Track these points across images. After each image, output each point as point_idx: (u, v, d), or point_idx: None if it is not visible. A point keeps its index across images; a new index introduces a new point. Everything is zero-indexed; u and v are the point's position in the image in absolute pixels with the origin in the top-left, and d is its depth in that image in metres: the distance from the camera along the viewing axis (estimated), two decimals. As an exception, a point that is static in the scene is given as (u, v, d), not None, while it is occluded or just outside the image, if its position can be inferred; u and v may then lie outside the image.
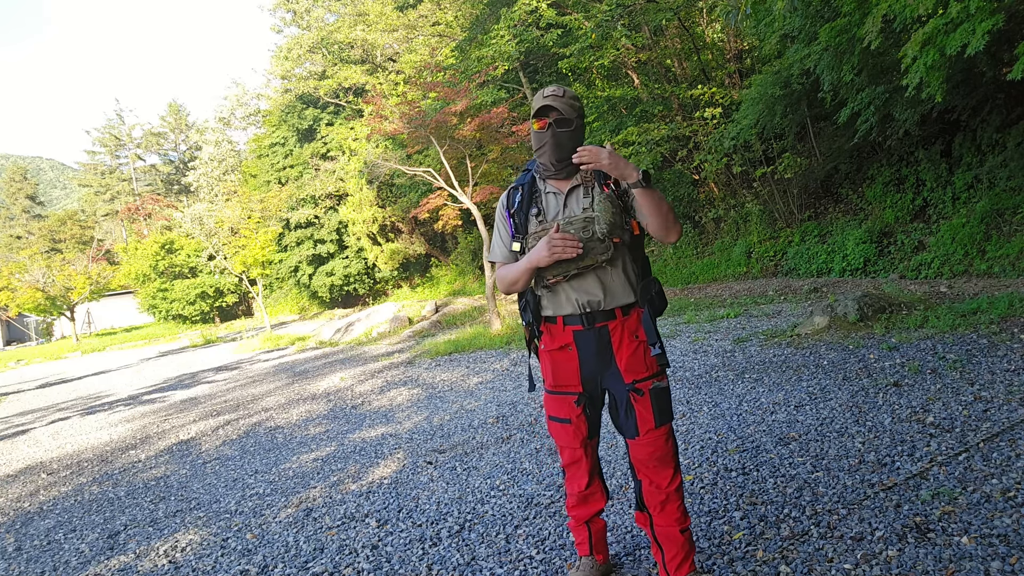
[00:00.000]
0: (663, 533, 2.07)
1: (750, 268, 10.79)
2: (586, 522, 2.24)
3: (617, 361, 2.04)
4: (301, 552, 3.02)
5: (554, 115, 2.03)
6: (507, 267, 2.13)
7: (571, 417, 2.11)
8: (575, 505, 2.23)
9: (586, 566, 2.27)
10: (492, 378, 6.55)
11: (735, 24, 10.66)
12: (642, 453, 2.05)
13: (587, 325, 2.04)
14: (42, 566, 3.40)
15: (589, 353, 2.05)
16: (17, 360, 22.72)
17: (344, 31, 22.32)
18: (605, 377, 2.08)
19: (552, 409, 2.15)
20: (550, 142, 2.04)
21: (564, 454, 2.19)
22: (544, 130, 2.04)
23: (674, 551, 2.06)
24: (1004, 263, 6.89)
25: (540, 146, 2.07)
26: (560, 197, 2.08)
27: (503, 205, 2.17)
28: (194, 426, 6.62)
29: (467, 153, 10.78)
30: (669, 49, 13.60)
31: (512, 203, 2.14)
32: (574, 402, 2.10)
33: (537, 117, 2.05)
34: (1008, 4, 4.68)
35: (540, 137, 2.06)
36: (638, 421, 2.03)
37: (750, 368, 4.95)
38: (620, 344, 2.04)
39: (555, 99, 2.02)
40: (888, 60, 6.76)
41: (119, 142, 47.93)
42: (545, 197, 2.10)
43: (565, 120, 2.03)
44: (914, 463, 2.80)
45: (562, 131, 2.03)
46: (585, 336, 2.04)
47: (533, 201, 2.11)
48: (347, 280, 23.43)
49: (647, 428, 2.02)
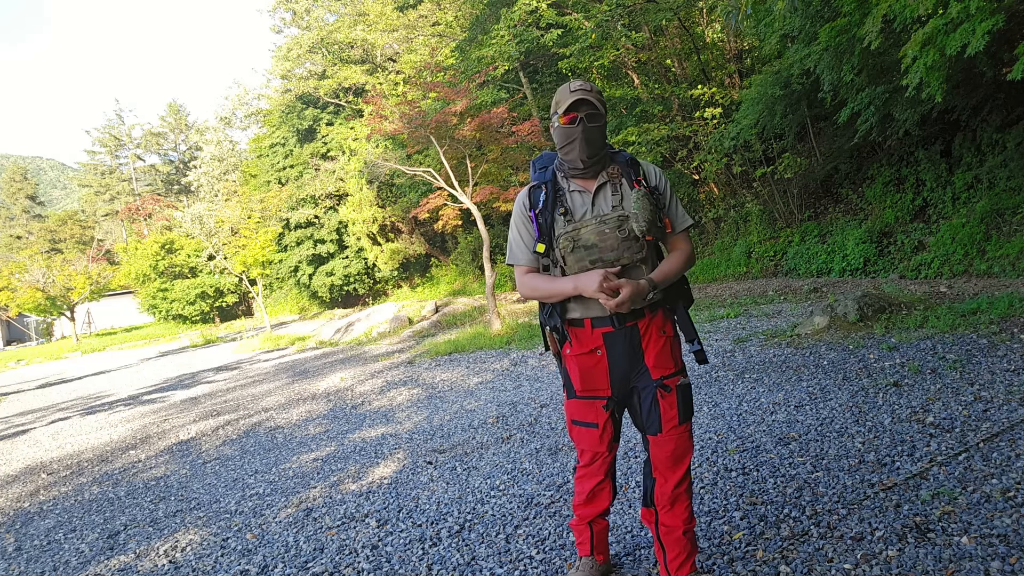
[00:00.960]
0: (668, 532, 2.06)
1: (750, 268, 10.79)
2: (589, 522, 2.22)
3: (646, 359, 2.01)
4: (301, 552, 3.02)
5: (585, 109, 1.94)
6: (545, 282, 2.02)
7: (599, 422, 2.05)
8: (583, 503, 2.19)
9: (586, 566, 2.26)
10: (492, 378, 6.55)
11: (735, 24, 10.67)
12: (664, 450, 2.03)
13: (618, 325, 1.98)
14: (42, 566, 3.40)
15: (619, 354, 2.00)
16: (17, 360, 22.73)
17: (344, 31, 22.34)
18: (634, 376, 2.04)
19: (577, 413, 2.09)
20: (580, 137, 1.95)
21: (586, 456, 2.13)
22: (574, 124, 1.95)
23: (677, 551, 2.06)
24: (1004, 263, 6.89)
25: (568, 142, 1.98)
26: (587, 196, 2.02)
27: (525, 205, 2.08)
28: (194, 426, 6.62)
29: (467, 153, 10.78)
30: (669, 49, 13.60)
31: (536, 202, 2.05)
32: (602, 406, 2.05)
33: (567, 112, 1.95)
34: (1008, 4, 4.68)
35: (569, 133, 1.96)
36: (663, 418, 2.00)
37: (750, 368, 4.95)
38: (649, 342, 2.01)
39: (585, 93, 1.93)
40: (888, 60, 6.76)
41: (119, 142, 47.95)
42: (570, 196, 2.03)
43: (597, 115, 1.96)
44: (914, 463, 2.80)
45: (593, 126, 1.96)
46: (615, 337, 1.99)
47: (558, 200, 2.02)
48: (347, 280, 23.44)
49: (671, 424, 2.00)
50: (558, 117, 1.99)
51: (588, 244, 1.96)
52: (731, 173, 12.02)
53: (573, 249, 1.97)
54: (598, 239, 1.95)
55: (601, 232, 1.95)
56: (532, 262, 2.07)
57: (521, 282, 2.09)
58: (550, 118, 2.08)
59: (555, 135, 2.03)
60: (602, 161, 2.04)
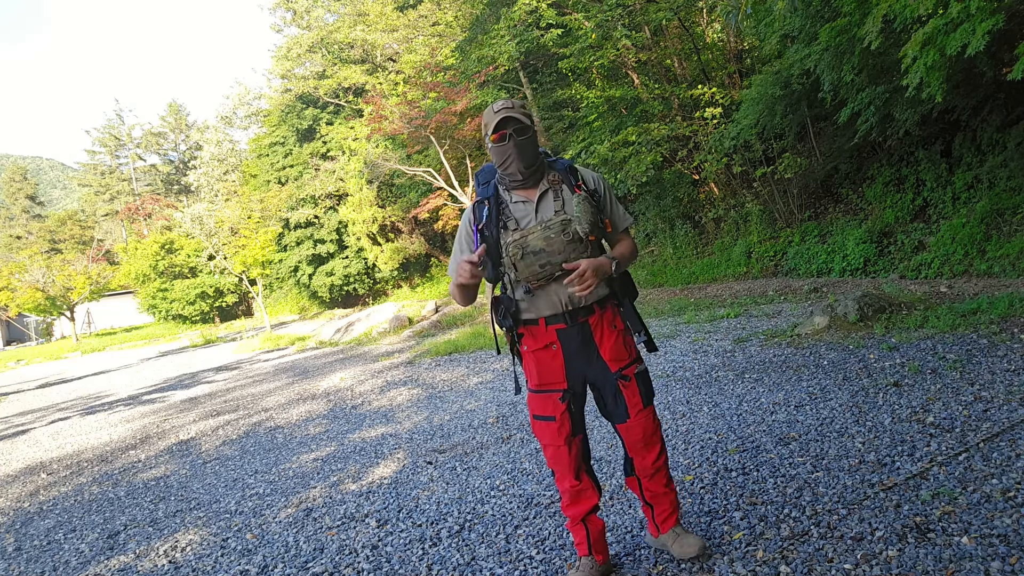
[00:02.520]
0: (653, 496, 2.27)
1: (750, 268, 10.79)
2: (583, 520, 2.26)
3: (601, 353, 2.16)
4: (301, 552, 3.02)
5: (512, 125, 2.08)
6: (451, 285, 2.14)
7: (555, 415, 2.17)
8: (568, 504, 2.26)
9: (585, 566, 2.27)
10: (492, 378, 6.55)
11: (735, 24, 10.67)
12: (634, 434, 2.19)
13: (570, 322, 2.13)
14: (42, 566, 3.40)
15: (573, 348, 2.14)
16: (17, 360, 22.73)
17: (344, 31, 22.32)
18: (590, 371, 2.17)
19: (537, 408, 2.21)
20: (514, 152, 2.09)
21: (547, 452, 2.23)
22: (505, 141, 2.08)
23: (663, 506, 2.28)
24: (1004, 263, 6.89)
25: (504, 158, 2.11)
26: (530, 204, 2.15)
27: (470, 220, 2.20)
28: (194, 426, 6.62)
29: (467, 153, 10.79)
30: (669, 49, 13.60)
31: (480, 217, 2.17)
32: (559, 399, 2.16)
33: (495, 131, 2.08)
34: (1008, 4, 4.68)
35: (503, 150, 2.10)
36: (628, 405, 2.16)
37: (750, 368, 4.95)
38: (602, 336, 2.16)
39: (508, 111, 2.08)
40: (888, 60, 6.76)
41: (119, 142, 47.95)
42: (513, 207, 2.16)
43: (524, 127, 2.09)
44: (914, 463, 2.80)
45: (523, 139, 2.09)
46: (568, 333, 2.14)
47: (501, 213, 2.16)
48: (347, 280, 23.43)
49: (637, 410, 2.17)
50: (488, 138, 2.12)
51: (536, 249, 2.08)
52: (731, 173, 12.01)
53: (523, 256, 2.09)
54: (545, 244, 2.08)
55: (547, 237, 2.08)
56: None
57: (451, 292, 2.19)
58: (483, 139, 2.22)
59: (491, 155, 2.16)
60: (540, 170, 2.17)
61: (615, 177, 11.49)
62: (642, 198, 13.35)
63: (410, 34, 20.18)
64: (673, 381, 5.02)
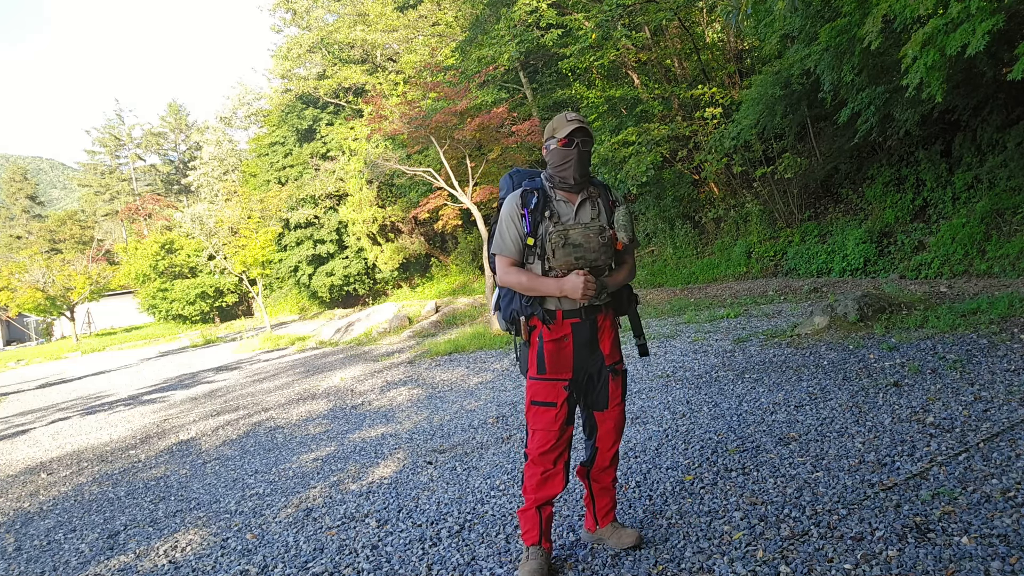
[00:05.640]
0: (600, 489, 2.52)
1: (750, 268, 10.79)
2: (538, 508, 2.38)
3: (602, 347, 2.42)
4: (301, 552, 3.02)
5: (581, 136, 2.32)
6: (531, 279, 2.32)
7: (557, 401, 2.34)
8: (534, 487, 2.37)
9: (536, 555, 2.39)
10: (492, 378, 6.55)
11: (735, 24, 10.67)
12: (609, 423, 2.44)
13: (584, 317, 2.35)
14: (42, 566, 3.40)
15: (582, 341, 2.36)
16: (17, 360, 22.73)
17: (344, 31, 22.32)
18: (591, 363, 2.40)
19: (539, 394, 2.36)
20: (576, 159, 2.33)
21: (537, 436, 2.35)
22: (571, 147, 2.32)
23: (605, 501, 2.53)
24: (1004, 263, 6.89)
25: (565, 161, 2.34)
26: (571, 206, 2.38)
27: (518, 204, 2.37)
28: (194, 426, 6.62)
29: (467, 153, 10.79)
30: (669, 49, 13.60)
31: (528, 203, 2.36)
32: (564, 387, 2.35)
33: (566, 136, 2.31)
34: (1008, 4, 4.67)
35: (566, 154, 2.34)
36: (610, 395, 2.43)
37: (750, 368, 4.95)
38: (604, 333, 2.42)
39: (580, 123, 2.32)
40: (888, 60, 6.76)
41: (119, 142, 47.92)
42: (557, 203, 2.38)
43: (589, 141, 2.36)
44: (914, 463, 2.80)
45: (586, 150, 2.35)
46: (581, 327, 2.36)
47: (547, 205, 2.37)
48: (347, 280, 23.42)
49: (616, 401, 2.44)
50: (555, 140, 2.35)
51: (576, 243, 2.29)
52: (731, 173, 12.01)
53: (564, 245, 2.28)
54: (584, 240, 2.30)
55: (586, 235, 2.30)
56: (516, 254, 2.37)
57: (505, 271, 2.39)
58: (545, 142, 2.43)
59: (551, 155, 2.39)
60: (585, 181, 2.43)
61: (615, 177, 11.49)
62: (642, 198, 13.35)
63: (410, 34, 20.18)
64: (673, 381, 5.02)
